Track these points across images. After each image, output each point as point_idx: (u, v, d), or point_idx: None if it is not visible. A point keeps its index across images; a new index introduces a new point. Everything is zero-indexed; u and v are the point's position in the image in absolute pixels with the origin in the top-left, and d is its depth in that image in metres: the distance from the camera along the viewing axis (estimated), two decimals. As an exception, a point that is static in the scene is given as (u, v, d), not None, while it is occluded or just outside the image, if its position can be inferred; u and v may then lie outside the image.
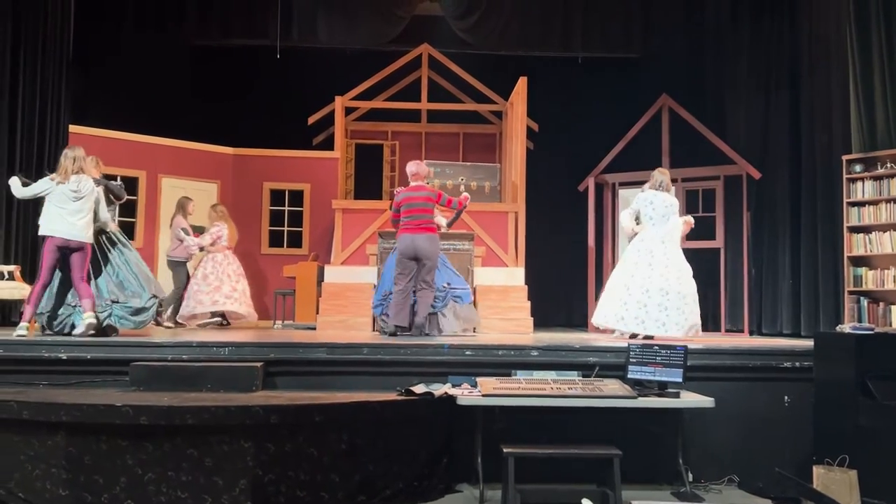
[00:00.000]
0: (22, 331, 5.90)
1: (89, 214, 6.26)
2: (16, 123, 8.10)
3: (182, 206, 8.88)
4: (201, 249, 8.88)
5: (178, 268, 8.77)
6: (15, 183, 6.33)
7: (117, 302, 6.27)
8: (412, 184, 7.24)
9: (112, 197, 6.71)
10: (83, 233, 6.19)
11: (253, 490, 4.41)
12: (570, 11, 10.07)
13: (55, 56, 8.57)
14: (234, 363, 5.38)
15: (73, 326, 6.19)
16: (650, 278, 6.80)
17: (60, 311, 6.29)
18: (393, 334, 6.81)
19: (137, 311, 6.31)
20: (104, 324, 6.21)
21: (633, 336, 6.82)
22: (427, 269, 7.00)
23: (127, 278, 6.40)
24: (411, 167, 7.32)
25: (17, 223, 8.08)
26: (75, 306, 6.24)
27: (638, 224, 7.19)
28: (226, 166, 10.19)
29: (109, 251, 6.45)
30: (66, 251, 6.16)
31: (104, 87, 9.82)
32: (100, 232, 6.45)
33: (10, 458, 4.53)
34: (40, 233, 6.19)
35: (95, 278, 6.33)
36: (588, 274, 10.05)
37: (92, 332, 5.98)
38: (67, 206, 6.13)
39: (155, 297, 6.45)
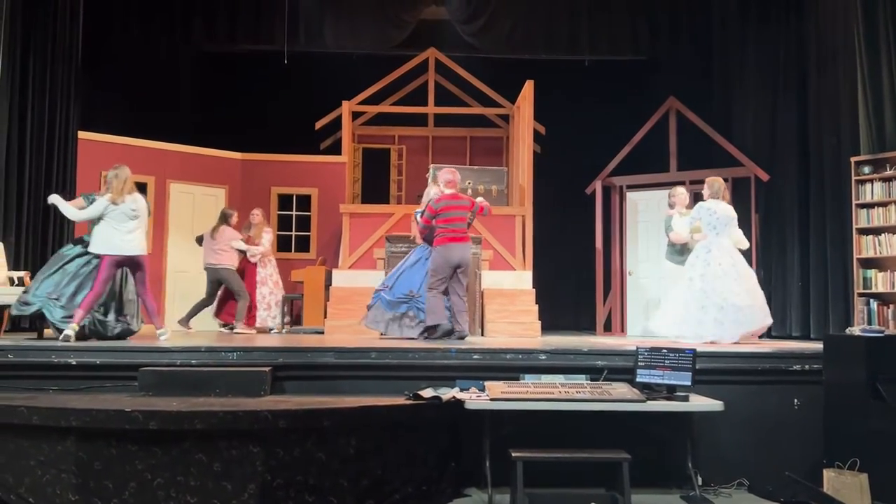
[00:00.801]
0: (70, 331, 6.07)
1: (142, 230, 6.59)
2: (25, 129, 8.14)
3: (227, 217, 8.78)
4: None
5: (232, 274, 8.67)
6: (63, 205, 6.55)
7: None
8: (447, 191, 7.25)
9: None
10: (139, 247, 6.52)
11: (262, 495, 4.41)
12: (577, 15, 10.06)
13: (64, 63, 8.62)
14: (242, 368, 5.40)
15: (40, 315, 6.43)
16: (723, 294, 6.70)
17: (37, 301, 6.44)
18: (449, 334, 6.89)
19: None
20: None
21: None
22: (464, 276, 7.12)
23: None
24: (447, 175, 7.33)
25: (26, 229, 8.12)
26: (56, 298, 6.38)
27: (698, 233, 7.22)
28: (234, 171, 10.23)
29: None
30: (122, 266, 6.54)
31: (112, 94, 9.86)
32: None
33: (20, 464, 4.56)
34: (99, 252, 6.43)
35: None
36: (596, 277, 10.04)
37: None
38: (125, 224, 6.44)
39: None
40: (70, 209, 6.57)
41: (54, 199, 6.61)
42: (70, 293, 6.42)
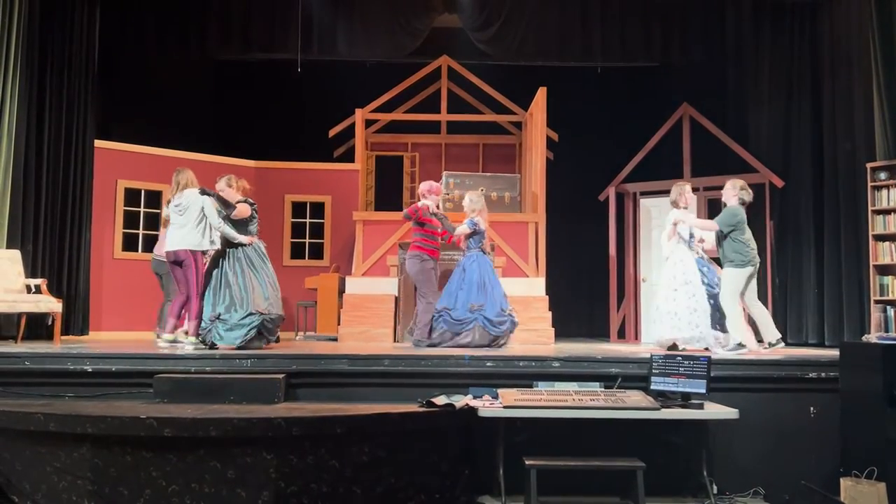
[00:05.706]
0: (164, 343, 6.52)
1: (190, 226, 6.77)
2: (42, 139, 8.21)
3: None
4: None
5: None
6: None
7: (219, 318, 6.37)
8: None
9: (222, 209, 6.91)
10: (174, 242, 6.72)
11: (275, 502, 4.43)
12: (589, 21, 10.04)
13: (80, 73, 8.71)
14: (256, 375, 5.42)
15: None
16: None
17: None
18: None
19: (231, 328, 6.30)
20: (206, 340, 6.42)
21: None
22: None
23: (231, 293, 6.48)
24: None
25: (43, 238, 8.19)
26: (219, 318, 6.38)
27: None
28: (248, 179, 10.19)
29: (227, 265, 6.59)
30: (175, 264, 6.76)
31: (128, 103, 9.95)
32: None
33: (36, 470, 4.60)
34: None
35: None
36: (610, 284, 10.01)
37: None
38: (176, 221, 6.82)
39: (252, 314, 6.29)
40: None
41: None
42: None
